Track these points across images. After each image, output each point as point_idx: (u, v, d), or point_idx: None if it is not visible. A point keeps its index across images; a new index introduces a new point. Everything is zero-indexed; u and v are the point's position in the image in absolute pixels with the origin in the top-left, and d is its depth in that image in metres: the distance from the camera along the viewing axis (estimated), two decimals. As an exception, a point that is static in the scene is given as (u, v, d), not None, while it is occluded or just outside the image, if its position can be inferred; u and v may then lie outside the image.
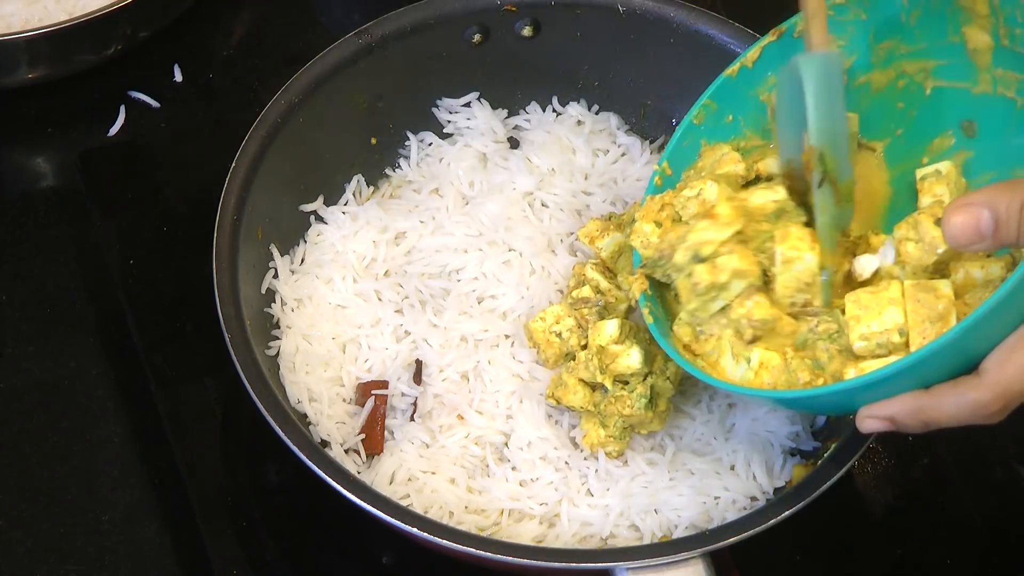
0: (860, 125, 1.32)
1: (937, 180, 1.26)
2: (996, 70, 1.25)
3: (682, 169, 1.33)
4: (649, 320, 1.26)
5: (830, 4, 1.28)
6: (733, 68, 1.33)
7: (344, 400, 1.35)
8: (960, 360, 1.09)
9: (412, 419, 1.33)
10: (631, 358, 1.28)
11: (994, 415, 1.09)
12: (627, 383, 1.30)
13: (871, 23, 1.30)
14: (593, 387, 1.31)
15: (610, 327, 1.31)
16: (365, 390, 1.34)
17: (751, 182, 1.31)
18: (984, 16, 1.24)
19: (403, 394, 1.34)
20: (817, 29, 1.23)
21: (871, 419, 1.13)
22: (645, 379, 1.29)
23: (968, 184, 1.28)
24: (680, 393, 1.33)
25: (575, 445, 1.32)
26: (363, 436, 1.32)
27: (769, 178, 1.31)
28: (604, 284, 1.34)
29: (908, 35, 1.29)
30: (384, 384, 1.34)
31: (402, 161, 1.49)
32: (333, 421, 1.33)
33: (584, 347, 1.33)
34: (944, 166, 1.27)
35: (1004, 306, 1.05)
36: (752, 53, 1.33)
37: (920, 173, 1.28)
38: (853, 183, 1.26)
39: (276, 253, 1.39)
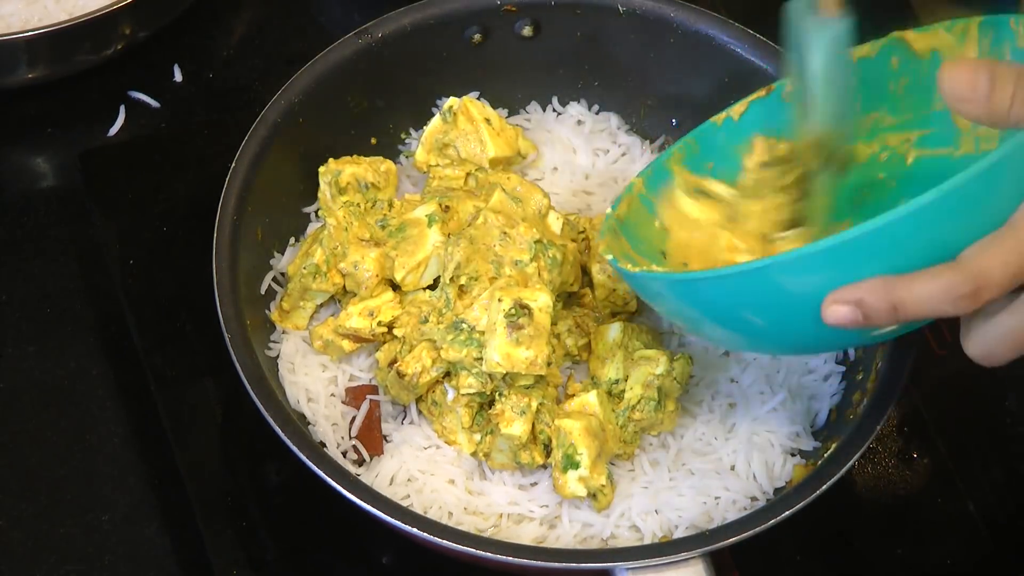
0: None
1: None
2: (979, 129, 1.25)
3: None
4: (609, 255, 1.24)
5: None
6: (719, 116, 1.33)
7: (343, 401, 1.34)
8: (934, 247, 1.05)
9: (403, 423, 1.33)
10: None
11: (965, 298, 1.04)
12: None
13: (859, 93, 1.28)
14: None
15: (613, 331, 1.30)
16: (357, 393, 1.33)
17: None
18: None
19: (394, 402, 1.34)
20: None
21: (837, 304, 1.07)
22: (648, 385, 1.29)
23: None
24: (684, 392, 1.33)
25: (576, 447, 1.32)
26: (358, 439, 1.32)
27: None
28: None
29: (894, 105, 1.29)
30: (374, 389, 1.34)
31: (403, 160, 1.49)
32: (330, 422, 1.33)
33: (588, 351, 1.33)
34: None
35: (982, 183, 1.03)
36: (739, 106, 1.32)
37: None
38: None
39: (276, 253, 1.39)
